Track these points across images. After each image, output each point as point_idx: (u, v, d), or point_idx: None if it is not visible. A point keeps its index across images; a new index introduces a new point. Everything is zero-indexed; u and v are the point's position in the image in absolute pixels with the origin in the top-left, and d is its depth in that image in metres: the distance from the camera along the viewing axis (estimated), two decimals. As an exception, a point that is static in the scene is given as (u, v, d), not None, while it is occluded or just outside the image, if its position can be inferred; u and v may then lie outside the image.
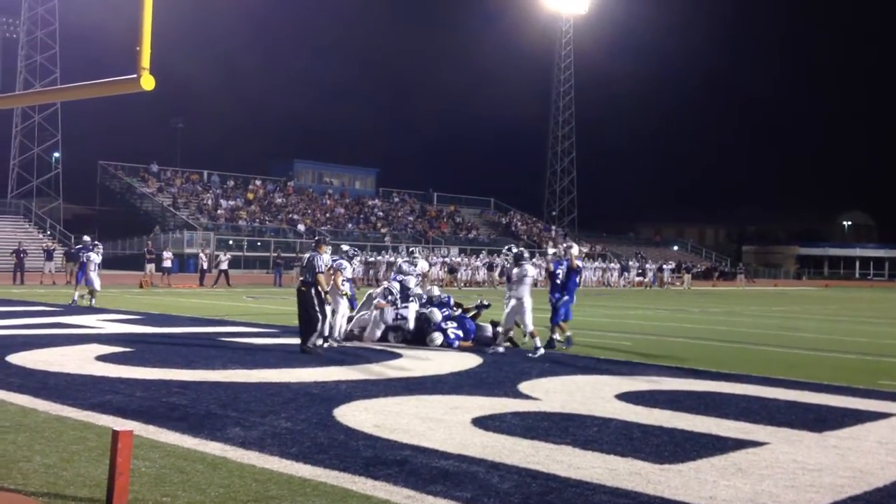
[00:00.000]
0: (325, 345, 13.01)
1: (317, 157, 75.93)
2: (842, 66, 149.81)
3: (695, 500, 5.39)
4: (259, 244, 54.22)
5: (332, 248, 14.72)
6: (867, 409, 8.81)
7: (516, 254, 13.57)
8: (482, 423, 7.58)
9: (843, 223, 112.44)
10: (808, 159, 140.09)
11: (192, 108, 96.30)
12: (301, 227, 57.86)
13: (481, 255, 48.81)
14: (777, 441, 7.17)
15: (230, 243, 51.38)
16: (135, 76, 5.48)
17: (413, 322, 14.15)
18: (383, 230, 62.76)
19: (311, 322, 12.54)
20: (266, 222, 58.25)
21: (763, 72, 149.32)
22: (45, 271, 34.95)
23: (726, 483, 5.79)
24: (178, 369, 10.32)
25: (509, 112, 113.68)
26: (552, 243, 14.92)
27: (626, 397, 9.21)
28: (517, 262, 13.28)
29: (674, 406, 8.73)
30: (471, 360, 11.95)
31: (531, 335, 12.82)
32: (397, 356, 12.35)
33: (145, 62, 5.47)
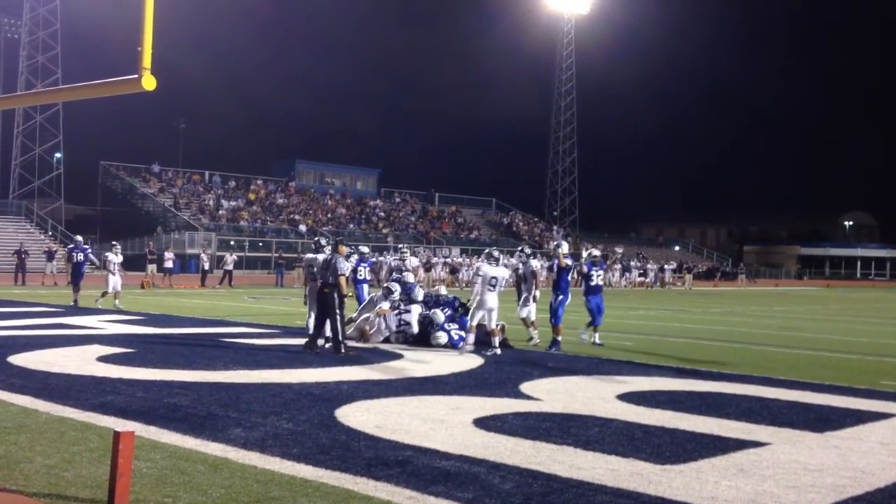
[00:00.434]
0: (328, 346, 13.02)
1: (318, 158, 76.14)
2: (844, 68, 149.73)
3: (696, 500, 5.38)
4: (260, 245, 54.25)
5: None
6: (869, 410, 8.80)
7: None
8: (484, 423, 7.57)
9: (845, 223, 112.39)
10: (810, 159, 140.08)
11: (193, 108, 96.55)
12: (303, 228, 57.87)
13: (482, 256, 48.77)
14: (778, 441, 7.16)
15: (231, 244, 51.40)
16: (136, 76, 5.48)
17: (417, 326, 14.13)
18: (385, 230, 62.77)
19: (331, 324, 12.61)
20: (267, 223, 58.28)
21: (765, 72, 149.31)
22: (47, 272, 34.99)
23: (728, 483, 5.78)
24: (180, 370, 10.32)
25: (510, 112, 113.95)
26: (587, 245, 14.92)
27: (628, 398, 9.21)
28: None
29: (675, 406, 8.72)
30: (472, 361, 11.95)
31: (494, 331, 13.02)
32: (399, 357, 12.35)
33: (147, 62, 5.48)
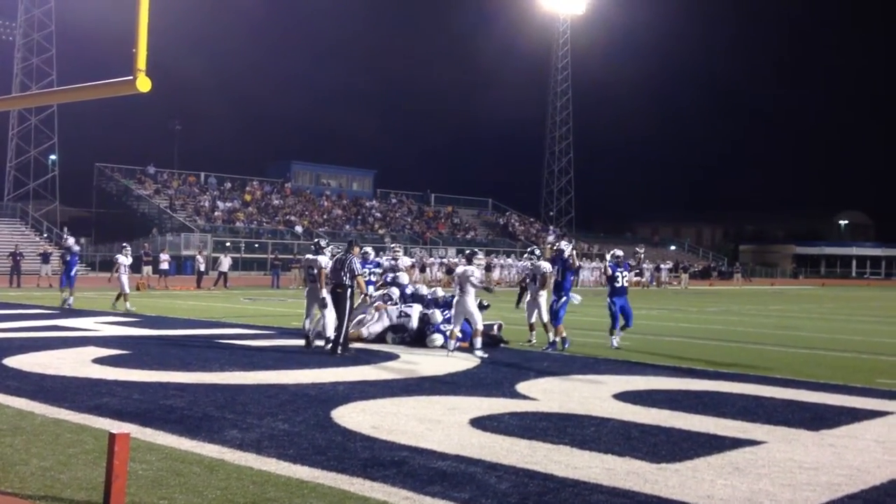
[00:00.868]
0: (328, 346, 13.03)
1: (314, 159, 76.09)
2: (839, 68, 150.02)
3: (692, 499, 5.39)
4: (256, 246, 54.19)
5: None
6: (864, 408, 8.82)
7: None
8: (480, 423, 7.58)
9: (840, 222, 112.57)
10: (805, 159, 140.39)
11: (189, 110, 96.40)
12: (298, 229, 57.83)
13: (479, 256, 48.76)
14: (774, 440, 7.18)
15: (227, 245, 51.33)
16: (131, 78, 5.48)
17: (417, 321, 14.12)
18: (381, 231, 62.75)
19: (338, 324, 12.69)
20: (263, 224, 58.23)
21: (761, 72, 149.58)
22: (42, 274, 34.91)
23: (723, 482, 5.80)
24: (176, 371, 10.31)
25: (506, 113, 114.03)
26: (617, 249, 14.76)
27: (624, 397, 9.22)
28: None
29: (671, 405, 8.74)
30: (468, 361, 11.95)
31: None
32: (395, 357, 12.35)
33: (141, 64, 5.48)
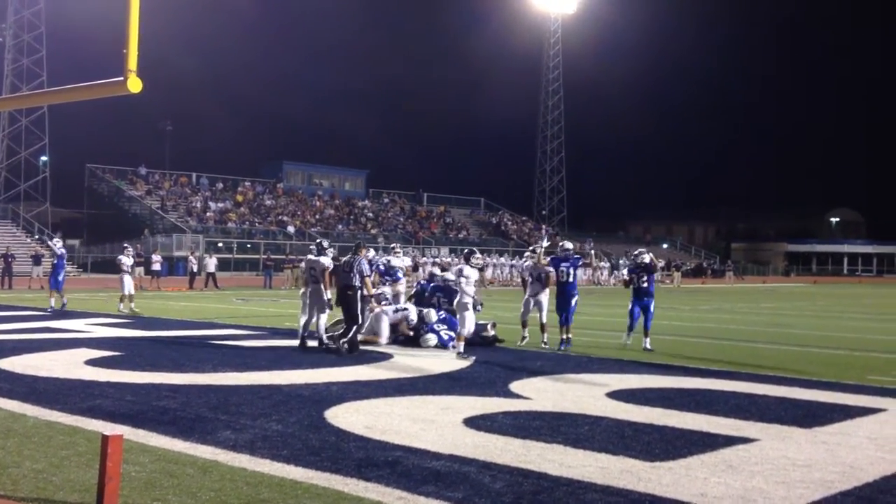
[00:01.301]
0: (334, 345, 13.02)
1: (306, 159, 75.91)
2: (830, 66, 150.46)
3: (685, 497, 5.40)
4: (248, 246, 54.08)
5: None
6: (856, 405, 8.85)
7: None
8: (474, 423, 7.58)
9: (831, 220, 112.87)
10: (796, 157, 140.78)
11: (180, 110, 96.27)
12: (291, 229, 57.76)
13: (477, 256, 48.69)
14: (767, 437, 7.20)
15: (219, 245, 51.20)
16: (122, 79, 5.45)
17: (416, 316, 14.10)
18: (373, 231, 62.71)
19: (347, 325, 12.79)
20: (256, 224, 58.12)
21: (751, 71, 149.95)
22: (34, 276, 34.77)
23: (717, 480, 5.81)
24: (168, 373, 10.29)
25: (498, 112, 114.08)
26: (643, 248, 14.66)
27: (617, 395, 9.23)
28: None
29: (664, 404, 8.75)
30: (462, 361, 11.94)
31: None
32: (388, 357, 12.34)
33: (132, 64, 5.45)
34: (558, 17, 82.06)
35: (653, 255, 15.27)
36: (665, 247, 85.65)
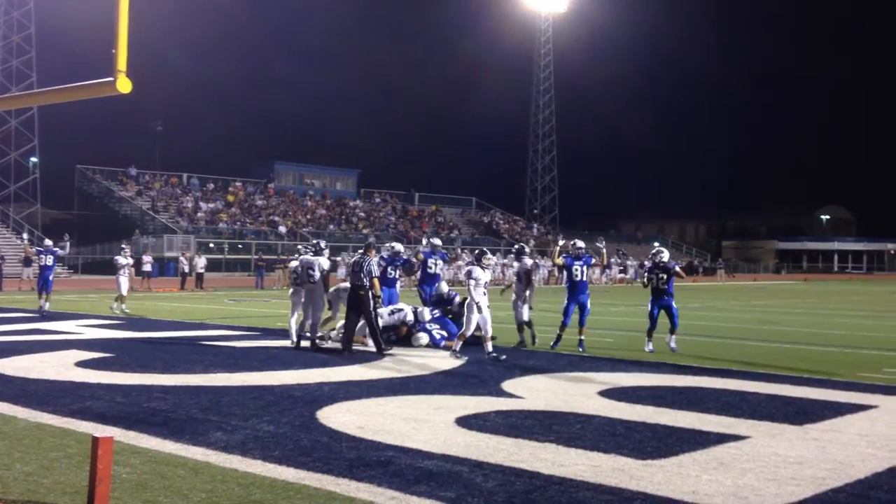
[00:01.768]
0: (309, 344, 13.03)
1: (297, 159, 75.80)
2: (819, 63, 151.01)
3: (677, 495, 5.41)
4: (240, 247, 53.98)
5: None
6: (847, 402, 8.88)
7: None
8: (466, 422, 7.58)
9: (822, 217, 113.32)
10: (787, 155, 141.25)
11: (170, 111, 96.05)
12: (282, 229, 57.68)
13: (464, 255, 48.80)
14: (758, 435, 7.21)
15: (211, 246, 51.07)
16: (111, 79, 5.44)
17: (413, 316, 14.07)
18: (365, 231, 62.67)
19: (368, 325, 12.89)
20: (247, 224, 58.01)
21: (742, 69, 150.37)
22: (24, 277, 34.65)
23: (708, 477, 5.82)
24: (159, 374, 10.26)
25: (490, 111, 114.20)
26: (658, 245, 14.42)
27: (609, 394, 9.24)
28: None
29: (656, 402, 8.77)
30: (454, 361, 11.94)
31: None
32: (380, 357, 12.33)
33: (122, 65, 5.44)
34: (549, 16, 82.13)
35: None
36: (656, 245, 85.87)
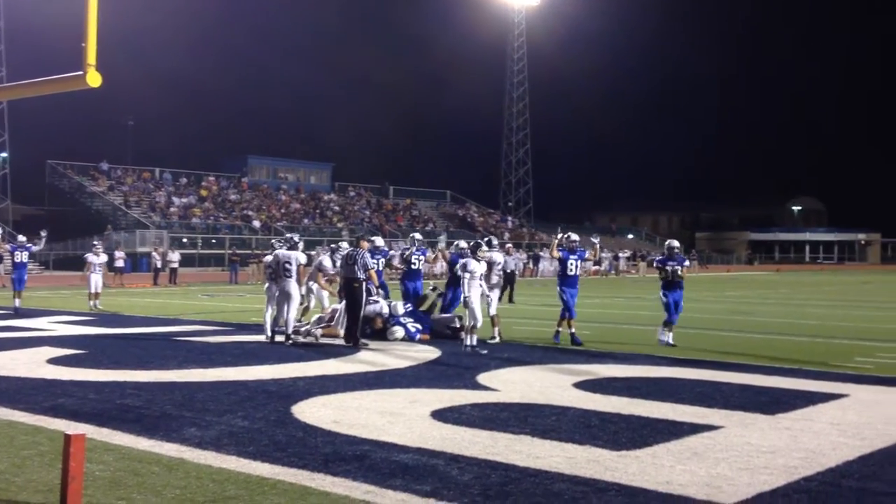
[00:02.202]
0: (290, 341, 12.97)
1: (271, 153, 75.30)
2: (792, 56, 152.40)
3: (651, 485, 5.45)
4: (214, 241, 53.63)
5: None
6: (818, 391, 8.99)
7: (473, 245, 13.57)
8: (441, 415, 7.59)
9: (793, 208, 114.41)
10: (758, 147, 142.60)
11: (142, 105, 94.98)
12: (256, 224, 57.37)
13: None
14: (731, 424, 7.28)
15: (184, 241, 50.70)
16: (81, 73, 5.39)
17: (387, 309, 14.08)
18: (339, 224, 62.49)
19: (352, 318, 12.90)
20: (220, 219, 57.65)
21: (714, 62, 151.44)
22: (-4, 274, 34.26)
23: (682, 468, 5.87)
24: (132, 370, 10.18)
25: (464, 104, 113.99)
26: (674, 241, 14.16)
27: (584, 385, 9.29)
28: (473, 254, 13.18)
29: (631, 393, 8.83)
30: (430, 353, 11.96)
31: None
32: (355, 350, 12.31)
33: (91, 59, 5.39)
34: (522, 9, 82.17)
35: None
36: (630, 237, 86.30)
